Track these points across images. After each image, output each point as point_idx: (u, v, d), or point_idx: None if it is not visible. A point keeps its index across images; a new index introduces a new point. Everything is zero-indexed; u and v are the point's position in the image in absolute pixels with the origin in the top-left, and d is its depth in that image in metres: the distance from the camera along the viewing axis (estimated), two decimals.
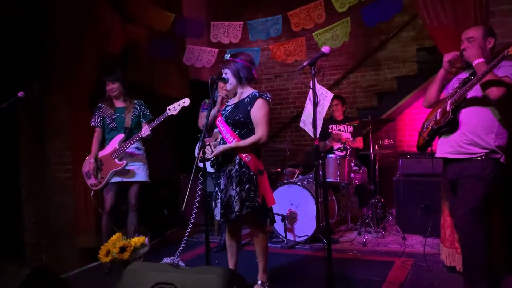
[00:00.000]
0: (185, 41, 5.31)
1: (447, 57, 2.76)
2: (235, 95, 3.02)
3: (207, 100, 4.23)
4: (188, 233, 3.44)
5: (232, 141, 2.84)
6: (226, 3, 6.89)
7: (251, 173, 2.82)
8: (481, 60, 2.54)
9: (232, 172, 2.83)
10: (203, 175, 2.73)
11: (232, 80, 2.90)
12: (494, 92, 2.46)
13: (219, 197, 2.89)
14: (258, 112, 2.81)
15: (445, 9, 3.29)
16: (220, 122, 2.92)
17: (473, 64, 2.57)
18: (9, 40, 4.35)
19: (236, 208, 2.78)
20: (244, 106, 2.85)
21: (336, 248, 4.07)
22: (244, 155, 2.83)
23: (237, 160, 2.84)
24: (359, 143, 5.10)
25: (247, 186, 2.80)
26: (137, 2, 5.02)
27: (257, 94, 2.86)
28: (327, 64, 6.78)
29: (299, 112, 6.94)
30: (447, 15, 3.29)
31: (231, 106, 2.93)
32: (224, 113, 2.93)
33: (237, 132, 2.86)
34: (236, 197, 2.79)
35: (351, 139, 5.05)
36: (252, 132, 2.85)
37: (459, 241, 2.83)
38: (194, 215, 3.39)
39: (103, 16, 4.49)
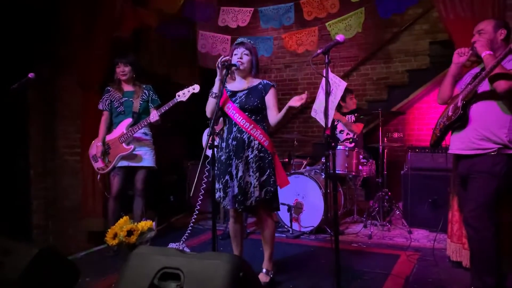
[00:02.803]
0: (195, 27, 5.27)
1: (457, 51, 2.74)
2: (233, 79, 3.02)
3: None
4: (194, 220, 3.46)
5: (249, 126, 2.84)
6: None
7: (270, 158, 2.86)
8: (488, 52, 2.53)
9: (249, 158, 2.82)
10: (210, 162, 2.73)
11: (248, 65, 2.91)
12: (502, 85, 2.45)
13: (231, 185, 2.84)
14: (274, 98, 2.94)
15: (462, 2, 3.24)
16: (231, 109, 2.88)
17: (482, 56, 2.56)
18: (20, 23, 4.35)
19: (256, 194, 2.78)
20: (259, 92, 2.91)
21: (341, 239, 4.03)
22: (263, 140, 2.85)
23: (255, 146, 2.84)
24: (356, 128, 5.05)
25: (268, 171, 2.83)
26: None
27: (270, 82, 2.96)
28: (337, 55, 6.72)
29: (308, 103, 6.77)
30: (464, 7, 3.23)
31: (243, 93, 2.91)
32: (236, 99, 2.90)
33: (253, 118, 2.87)
34: (256, 183, 2.79)
35: (353, 120, 5.05)
36: (265, 117, 2.93)
37: (467, 236, 2.81)
38: (200, 202, 3.40)
39: (114, 0, 4.46)
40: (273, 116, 2.90)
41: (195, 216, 3.46)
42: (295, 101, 2.72)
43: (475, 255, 2.65)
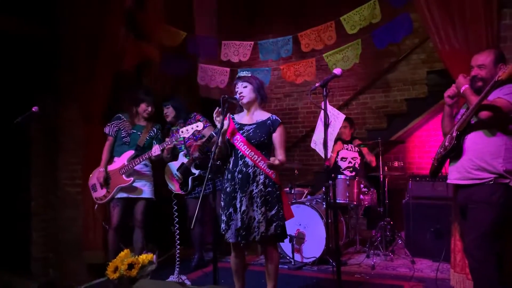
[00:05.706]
0: (197, 59, 5.38)
1: (446, 93, 2.83)
2: (240, 110, 3.03)
3: None
4: (178, 252, 3.48)
5: (257, 159, 2.83)
6: (237, 23, 7.00)
7: (278, 192, 2.84)
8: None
9: (254, 193, 2.81)
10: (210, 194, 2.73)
11: (251, 95, 2.92)
12: (484, 113, 2.54)
13: (235, 218, 2.82)
14: (281, 137, 2.92)
15: (457, 33, 3.30)
16: (240, 140, 2.89)
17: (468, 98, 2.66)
18: (24, 56, 4.43)
19: (262, 229, 2.76)
20: (267, 128, 2.90)
21: (344, 270, 3.99)
22: (270, 172, 2.84)
23: (261, 180, 2.83)
24: (373, 159, 5.09)
25: (276, 206, 2.81)
26: (150, 22, 5.12)
27: (279, 119, 2.94)
28: (336, 85, 6.80)
29: (308, 131, 6.96)
30: (459, 39, 3.30)
31: (251, 127, 2.92)
32: (244, 132, 2.91)
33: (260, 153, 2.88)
34: (261, 218, 2.77)
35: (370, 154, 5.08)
36: (270, 153, 2.92)
37: (469, 266, 2.79)
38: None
39: (117, 34, 4.56)
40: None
41: (179, 248, 3.49)
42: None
43: (478, 286, 2.62)
